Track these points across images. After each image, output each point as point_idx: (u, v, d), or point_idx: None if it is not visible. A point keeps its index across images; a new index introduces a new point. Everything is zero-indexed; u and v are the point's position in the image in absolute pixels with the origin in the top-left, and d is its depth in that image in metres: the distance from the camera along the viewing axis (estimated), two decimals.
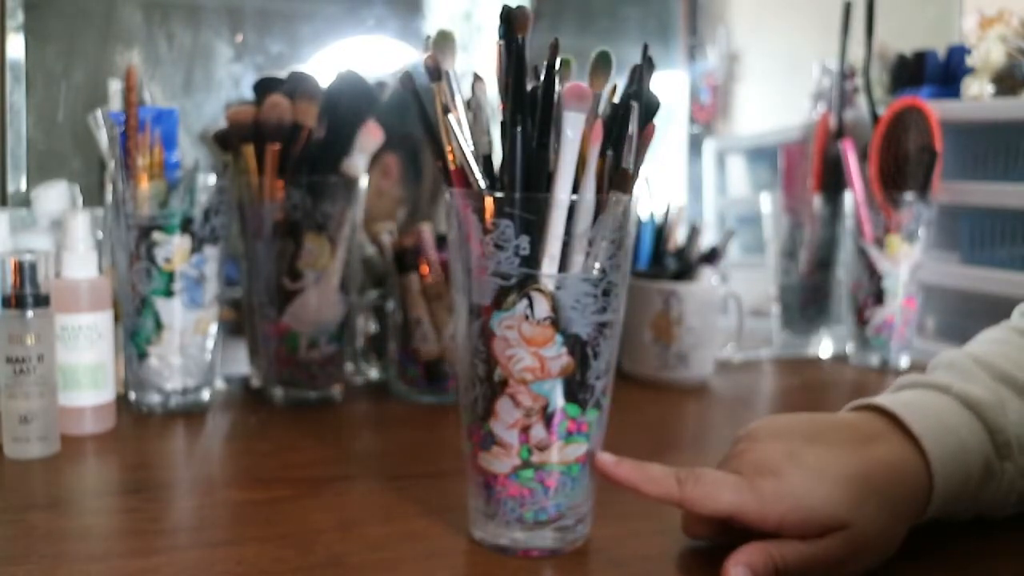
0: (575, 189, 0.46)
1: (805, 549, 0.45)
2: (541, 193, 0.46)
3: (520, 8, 0.47)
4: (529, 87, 0.47)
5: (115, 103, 0.85)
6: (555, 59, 0.47)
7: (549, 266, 0.46)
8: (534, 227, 0.46)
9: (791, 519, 0.45)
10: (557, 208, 0.46)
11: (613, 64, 0.47)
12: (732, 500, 0.46)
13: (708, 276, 0.91)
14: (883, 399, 0.51)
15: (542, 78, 0.47)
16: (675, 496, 0.47)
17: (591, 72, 0.47)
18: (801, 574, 0.45)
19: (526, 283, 0.47)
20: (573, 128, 0.46)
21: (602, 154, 0.47)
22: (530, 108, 0.47)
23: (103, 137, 0.77)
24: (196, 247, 0.75)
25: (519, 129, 0.46)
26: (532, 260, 0.46)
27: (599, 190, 0.47)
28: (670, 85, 1.22)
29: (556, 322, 0.47)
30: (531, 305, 0.47)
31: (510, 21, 0.47)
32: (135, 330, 0.75)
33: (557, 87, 0.47)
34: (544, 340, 0.47)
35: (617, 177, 0.47)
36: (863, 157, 1.00)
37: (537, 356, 0.47)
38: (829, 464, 0.47)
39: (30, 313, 0.64)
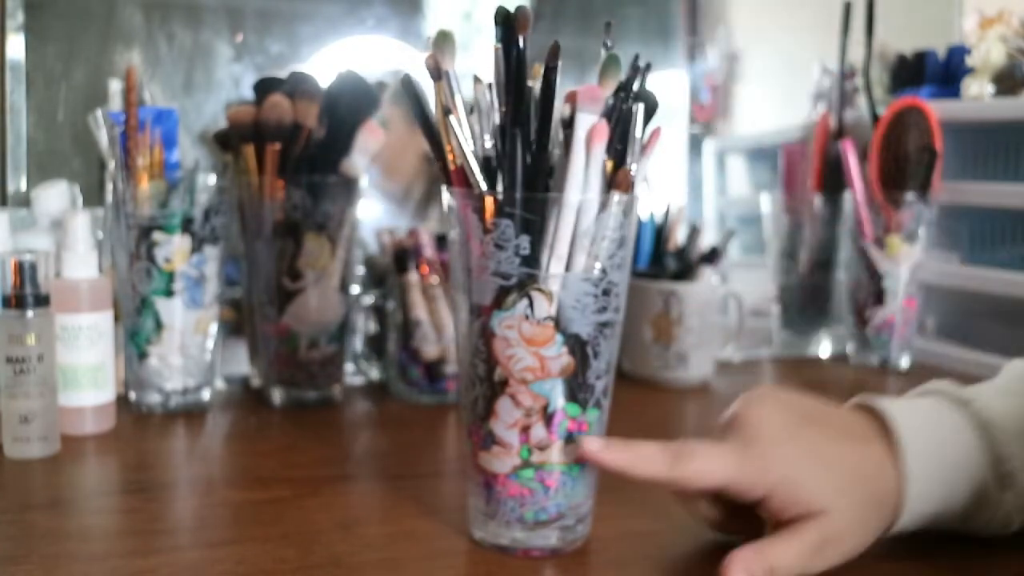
0: None
1: (792, 546, 0.45)
2: (541, 193, 0.46)
3: (520, 8, 0.47)
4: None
5: (115, 103, 0.85)
6: (554, 59, 0.47)
7: (556, 266, 0.46)
8: (534, 227, 0.46)
9: (780, 488, 0.46)
10: (567, 208, 0.46)
11: (622, 67, 0.47)
12: (723, 473, 0.46)
13: (708, 276, 0.91)
14: (885, 403, 0.51)
15: (540, 78, 0.47)
16: (664, 476, 0.47)
17: (600, 74, 0.47)
18: (791, 571, 0.45)
19: (526, 283, 0.47)
20: (585, 129, 0.46)
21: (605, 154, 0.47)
22: (529, 108, 0.47)
23: (103, 137, 0.77)
24: (196, 247, 0.75)
25: (519, 129, 0.46)
26: (532, 260, 0.46)
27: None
28: (670, 85, 1.22)
29: (556, 322, 0.47)
30: (531, 305, 0.47)
31: (507, 23, 0.47)
32: (135, 330, 0.75)
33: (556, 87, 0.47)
34: (544, 340, 0.47)
35: (618, 176, 0.47)
36: (863, 157, 1.00)
37: (537, 356, 0.47)
38: (821, 446, 0.47)
39: (30, 313, 0.64)
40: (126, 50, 0.94)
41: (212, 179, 0.76)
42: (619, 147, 0.48)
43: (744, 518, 0.49)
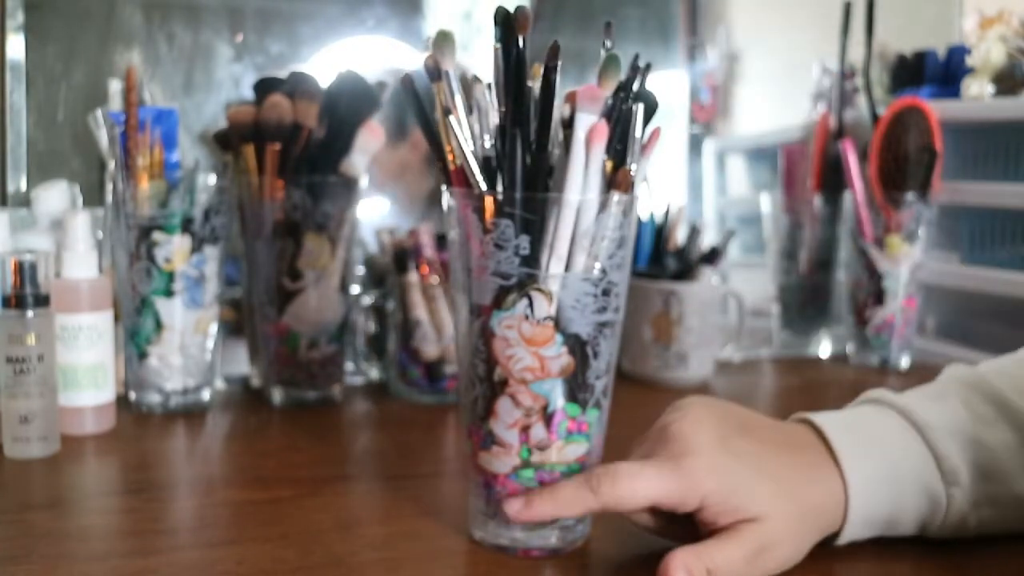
0: None
1: (730, 548, 0.45)
2: (541, 193, 0.46)
3: (520, 8, 0.47)
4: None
5: (115, 103, 0.85)
6: (554, 59, 0.47)
7: (556, 266, 0.46)
8: (534, 227, 0.46)
9: (714, 498, 0.45)
10: (567, 208, 0.46)
11: (622, 67, 0.47)
12: (653, 491, 0.46)
13: (708, 276, 0.91)
14: (818, 415, 0.51)
15: (540, 78, 0.47)
16: (595, 507, 0.46)
17: (600, 74, 0.47)
18: (730, 573, 0.45)
19: (526, 283, 0.47)
20: (585, 129, 0.46)
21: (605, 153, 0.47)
22: (529, 108, 0.47)
23: (103, 137, 0.77)
24: (196, 247, 0.75)
25: (519, 129, 0.46)
26: (532, 260, 0.46)
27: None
28: (670, 85, 1.22)
29: (556, 322, 0.47)
30: (531, 305, 0.47)
31: (507, 23, 0.47)
32: (135, 330, 0.75)
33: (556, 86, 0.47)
34: (544, 340, 0.47)
35: (618, 176, 0.47)
36: (863, 157, 1.00)
37: (537, 356, 0.47)
38: (755, 455, 0.47)
39: (30, 313, 0.64)
40: (126, 50, 0.94)
41: (212, 179, 0.76)
42: (619, 147, 0.48)
43: (685, 524, 0.48)
